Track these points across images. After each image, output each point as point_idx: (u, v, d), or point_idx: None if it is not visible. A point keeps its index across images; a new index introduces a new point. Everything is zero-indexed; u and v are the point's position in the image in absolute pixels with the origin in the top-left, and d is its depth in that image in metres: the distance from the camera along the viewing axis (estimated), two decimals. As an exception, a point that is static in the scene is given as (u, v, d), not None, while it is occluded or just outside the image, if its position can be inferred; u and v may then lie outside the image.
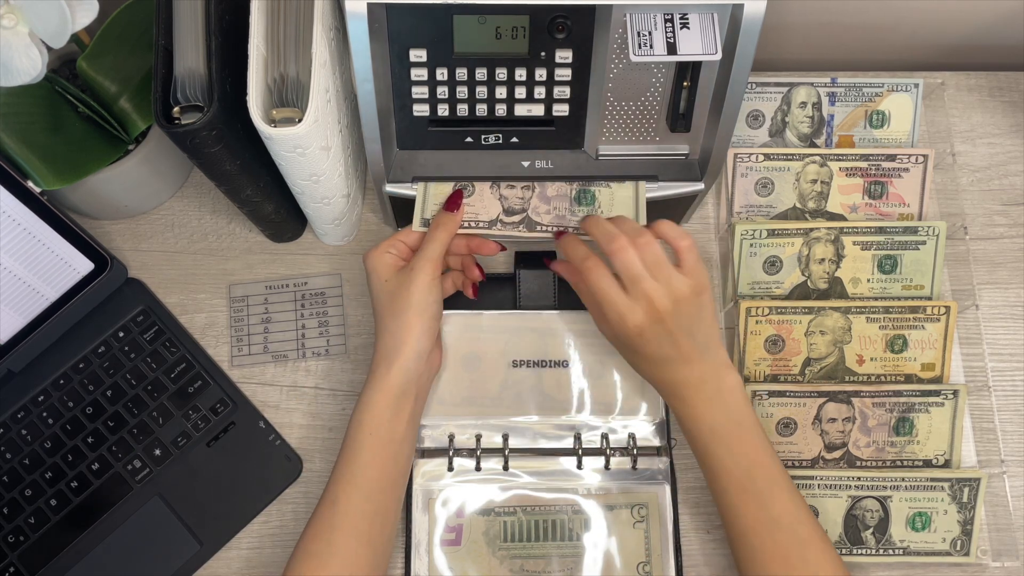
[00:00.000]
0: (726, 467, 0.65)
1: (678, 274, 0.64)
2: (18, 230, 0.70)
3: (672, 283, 0.63)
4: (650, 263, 0.63)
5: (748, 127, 0.82)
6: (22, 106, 0.69)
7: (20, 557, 0.72)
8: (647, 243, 0.63)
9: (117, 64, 0.71)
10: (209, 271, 0.80)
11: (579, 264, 0.66)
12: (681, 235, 0.65)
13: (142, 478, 0.74)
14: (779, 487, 0.64)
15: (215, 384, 0.76)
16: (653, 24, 0.60)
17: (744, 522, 0.64)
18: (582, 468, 0.73)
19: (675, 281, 0.63)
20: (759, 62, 0.64)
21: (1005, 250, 0.81)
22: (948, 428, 0.74)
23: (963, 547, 0.72)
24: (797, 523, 0.63)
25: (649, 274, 0.63)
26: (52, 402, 0.75)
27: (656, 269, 0.63)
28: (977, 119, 0.86)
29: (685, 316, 0.64)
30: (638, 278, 0.63)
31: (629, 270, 0.63)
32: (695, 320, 0.64)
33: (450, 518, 0.72)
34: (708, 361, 0.65)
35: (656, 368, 0.66)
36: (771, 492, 0.64)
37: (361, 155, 0.76)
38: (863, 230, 0.77)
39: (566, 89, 0.66)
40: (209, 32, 0.59)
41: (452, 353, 0.76)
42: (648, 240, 0.64)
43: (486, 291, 0.78)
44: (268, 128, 0.59)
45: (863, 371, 0.76)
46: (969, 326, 0.78)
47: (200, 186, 0.82)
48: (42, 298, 0.74)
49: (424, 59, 0.63)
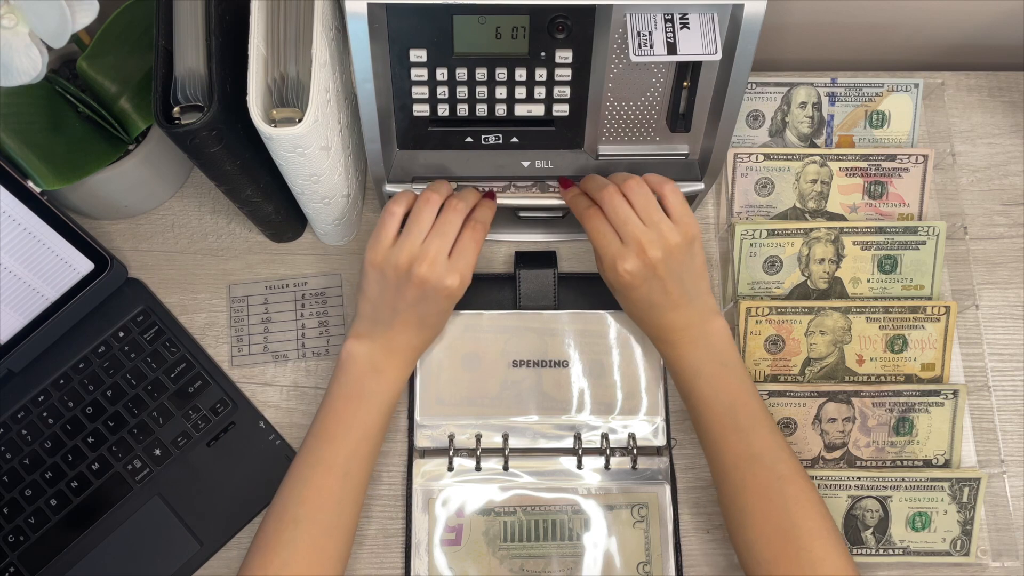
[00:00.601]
0: (709, 404, 0.66)
1: (669, 222, 0.65)
2: (18, 230, 0.70)
3: (662, 230, 0.65)
4: (639, 207, 0.65)
5: (748, 127, 0.82)
6: (22, 106, 0.69)
7: (20, 557, 0.72)
8: (634, 187, 0.65)
9: (117, 64, 0.71)
10: (209, 271, 0.80)
11: (581, 213, 0.67)
12: (662, 180, 0.66)
13: (142, 478, 0.74)
14: (760, 424, 0.65)
15: (215, 384, 0.76)
16: (653, 24, 0.60)
17: (726, 458, 0.65)
18: (582, 468, 0.73)
19: (665, 229, 0.65)
20: (759, 62, 0.64)
21: (1005, 250, 0.81)
22: (948, 428, 0.74)
23: (963, 547, 0.72)
24: (777, 460, 0.64)
25: (639, 218, 0.64)
26: (52, 402, 0.75)
27: (645, 213, 0.65)
28: (977, 119, 0.86)
29: (676, 263, 0.65)
30: (625, 220, 0.64)
31: (617, 213, 0.65)
32: (685, 268, 0.66)
33: (450, 518, 0.72)
34: (695, 307, 0.67)
35: (646, 313, 0.68)
36: (752, 429, 0.65)
37: (361, 155, 0.76)
38: (863, 230, 0.77)
39: (566, 89, 0.66)
40: (209, 32, 0.59)
41: (452, 353, 0.76)
42: (635, 184, 0.65)
43: (486, 291, 0.78)
44: (268, 128, 0.59)
45: (863, 371, 0.76)
46: (969, 326, 0.78)
47: (200, 186, 0.82)
48: (42, 298, 0.74)
49: (424, 59, 0.63)
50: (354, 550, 0.73)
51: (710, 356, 0.67)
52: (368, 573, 0.72)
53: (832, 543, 0.61)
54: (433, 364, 0.75)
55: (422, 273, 0.63)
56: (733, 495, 0.64)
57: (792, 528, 0.62)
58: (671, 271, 0.65)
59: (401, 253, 0.64)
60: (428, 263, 0.63)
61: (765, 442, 0.64)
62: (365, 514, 0.74)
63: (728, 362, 0.67)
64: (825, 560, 0.61)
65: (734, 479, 0.64)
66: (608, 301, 0.74)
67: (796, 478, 0.63)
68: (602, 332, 0.76)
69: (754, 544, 0.63)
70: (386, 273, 0.65)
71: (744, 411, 0.65)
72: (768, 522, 0.62)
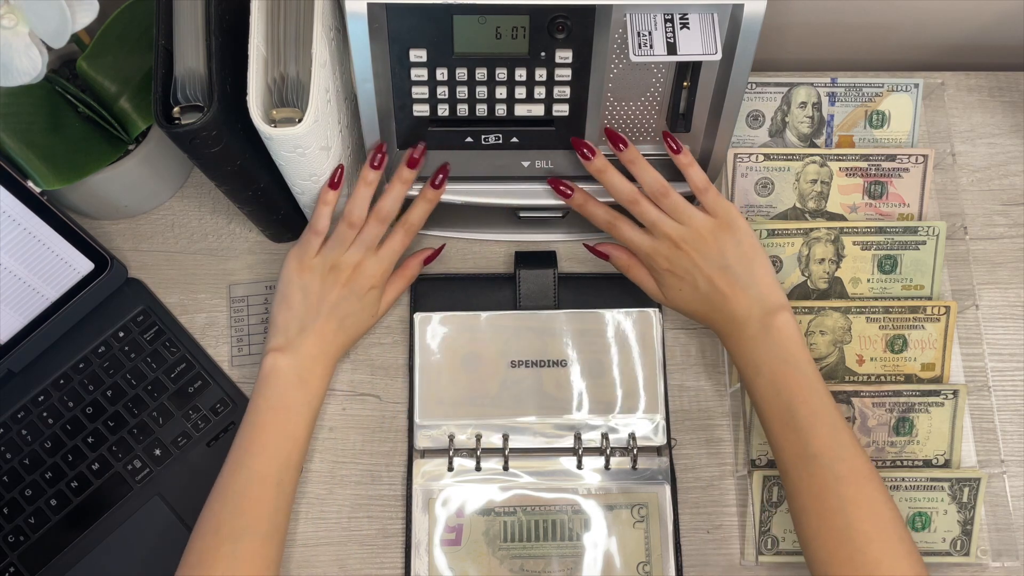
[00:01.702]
0: (769, 402, 0.65)
1: (699, 212, 0.67)
2: (18, 230, 0.70)
3: (693, 220, 0.67)
4: (669, 208, 0.67)
5: (748, 127, 0.82)
6: (22, 106, 0.69)
7: (20, 557, 0.72)
8: (665, 193, 0.67)
9: (117, 64, 0.71)
10: (209, 271, 0.80)
11: (605, 225, 0.71)
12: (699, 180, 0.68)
13: (142, 478, 0.74)
14: (821, 423, 0.63)
15: (215, 384, 0.76)
16: (653, 24, 0.60)
17: (785, 456, 0.64)
18: (582, 468, 0.73)
19: (696, 218, 0.67)
20: (759, 62, 0.64)
21: (1005, 250, 0.81)
22: (948, 428, 0.74)
23: (963, 547, 0.72)
24: (836, 460, 0.62)
25: (669, 217, 0.67)
26: (52, 402, 0.75)
27: (676, 212, 0.67)
28: (977, 119, 0.86)
29: (713, 248, 0.66)
30: (657, 221, 0.67)
31: (648, 216, 0.68)
32: (728, 254, 0.66)
33: (450, 518, 0.72)
34: (752, 296, 0.66)
35: (703, 308, 0.69)
36: (811, 428, 0.63)
37: (361, 155, 0.76)
38: (863, 230, 0.77)
39: (566, 89, 0.66)
40: (209, 32, 0.59)
41: (452, 353, 0.76)
42: (666, 191, 0.67)
43: (486, 291, 0.78)
44: (268, 128, 0.59)
45: (863, 371, 0.76)
46: (969, 326, 0.78)
47: (200, 186, 0.82)
48: (42, 298, 0.74)
49: (424, 59, 0.63)
50: (354, 550, 0.73)
51: (771, 352, 0.65)
52: (368, 573, 0.72)
53: (891, 546, 0.60)
54: (433, 365, 0.75)
55: (346, 275, 0.69)
56: (793, 493, 0.64)
57: (847, 529, 0.61)
58: (708, 256, 0.66)
59: (325, 261, 0.69)
60: (353, 266, 0.69)
61: (824, 442, 0.63)
62: (365, 514, 0.74)
63: (791, 359, 0.65)
64: (881, 563, 0.59)
65: (793, 478, 0.64)
66: (608, 300, 0.75)
67: (857, 479, 0.62)
68: (600, 331, 0.76)
69: (811, 542, 0.62)
70: (309, 279, 0.68)
71: (804, 410, 0.64)
72: (823, 523, 0.61)
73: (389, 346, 0.78)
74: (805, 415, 0.64)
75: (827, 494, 0.62)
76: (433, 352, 0.76)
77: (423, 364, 0.75)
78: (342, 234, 0.69)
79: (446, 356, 0.75)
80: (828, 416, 0.64)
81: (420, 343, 0.76)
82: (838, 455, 0.63)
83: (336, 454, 0.75)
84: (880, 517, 0.61)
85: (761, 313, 0.66)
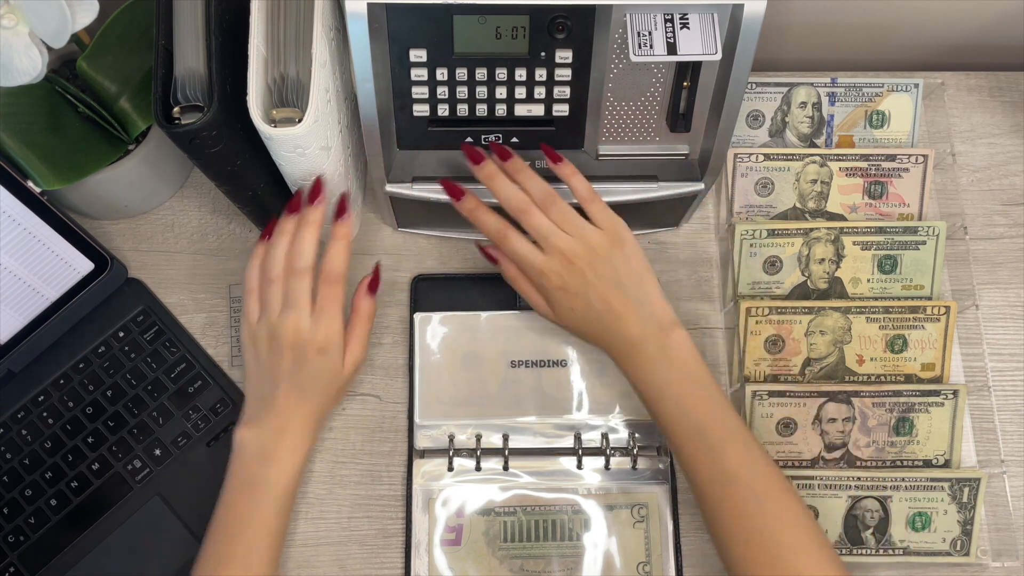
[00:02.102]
0: (677, 423, 0.63)
1: (589, 224, 0.65)
2: (18, 230, 0.70)
3: (585, 234, 0.65)
4: (559, 220, 0.65)
5: (748, 127, 0.82)
6: (22, 106, 0.69)
7: (20, 557, 0.72)
8: (552, 202, 0.65)
9: (117, 64, 0.71)
10: (209, 271, 0.80)
11: (496, 235, 0.67)
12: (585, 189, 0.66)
13: (142, 478, 0.74)
14: (733, 441, 0.62)
15: (215, 384, 0.76)
16: (653, 24, 0.60)
17: (700, 477, 0.63)
18: (582, 468, 0.73)
19: (587, 232, 0.65)
20: (759, 62, 0.64)
21: (1005, 250, 0.81)
22: (948, 428, 0.74)
23: (963, 547, 0.72)
24: (753, 476, 0.61)
25: (560, 229, 0.65)
26: (52, 402, 0.75)
27: (566, 224, 0.65)
28: (977, 119, 0.86)
29: (606, 266, 0.64)
30: (549, 234, 0.65)
31: (539, 230, 0.65)
32: (620, 271, 0.65)
33: (450, 518, 0.72)
34: (647, 316, 0.65)
35: (596, 328, 0.66)
36: (724, 447, 0.62)
37: (361, 155, 0.76)
38: (863, 230, 0.77)
39: (566, 89, 0.66)
40: (209, 32, 0.59)
41: (451, 353, 0.76)
42: (553, 200, 0.65)
43: (486, 291, 0.78)
44: (268, 128, 0.59)
45: (863, 371, 0.76)
46: (969, 326, 0.78)
47: (200, 186, 0.82)
48: (42, 298, 0.74)
49: (424, 59, 0.63)
50: (354, 550, 0.73)
51: (673, 372, 0.64)
52: (368, 573, 0.72)
53: (817, 554, 0.60)
54: (433, 365, 0.75)
55: (288, 339, 0.64)
56: (713, 515, 0.62)
57: (774, 545, 0.60)
58: (601, 275, 0.64)
59: (265, 329, 0.65)
60: (292, 329, 0.64)
61: (739, 459, 0.62)
62: (365, 514, 0.74)
63: (692, 377, 0.64)
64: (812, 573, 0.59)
65: (712, 500, 0.62)
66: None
67: (775, 493, 0.61)
68: (602, 332, 0.76)
69: (739, 563, 0.61)
70: (259, 348, 0.66)
71: (715, 429, 0.63)
72: (750, 542, 0.60)
73: (389, 346, 0.78)
74: (718, 434, 0.62)
75: (750, 511, 0.61)
76: (433, 352, 0.76)
77: (423, 364, 0.75)
78: (267, 294, 0.65)
79: (446, 356, 0.75)
80: (739, 433, 0.63)
81: (420, 343, 0.76)
82: (755, 471, 0.62)
83: (336, 454, 0.75)
84: (802, 527, 0.61)
85: (656, 332, 0.64)
